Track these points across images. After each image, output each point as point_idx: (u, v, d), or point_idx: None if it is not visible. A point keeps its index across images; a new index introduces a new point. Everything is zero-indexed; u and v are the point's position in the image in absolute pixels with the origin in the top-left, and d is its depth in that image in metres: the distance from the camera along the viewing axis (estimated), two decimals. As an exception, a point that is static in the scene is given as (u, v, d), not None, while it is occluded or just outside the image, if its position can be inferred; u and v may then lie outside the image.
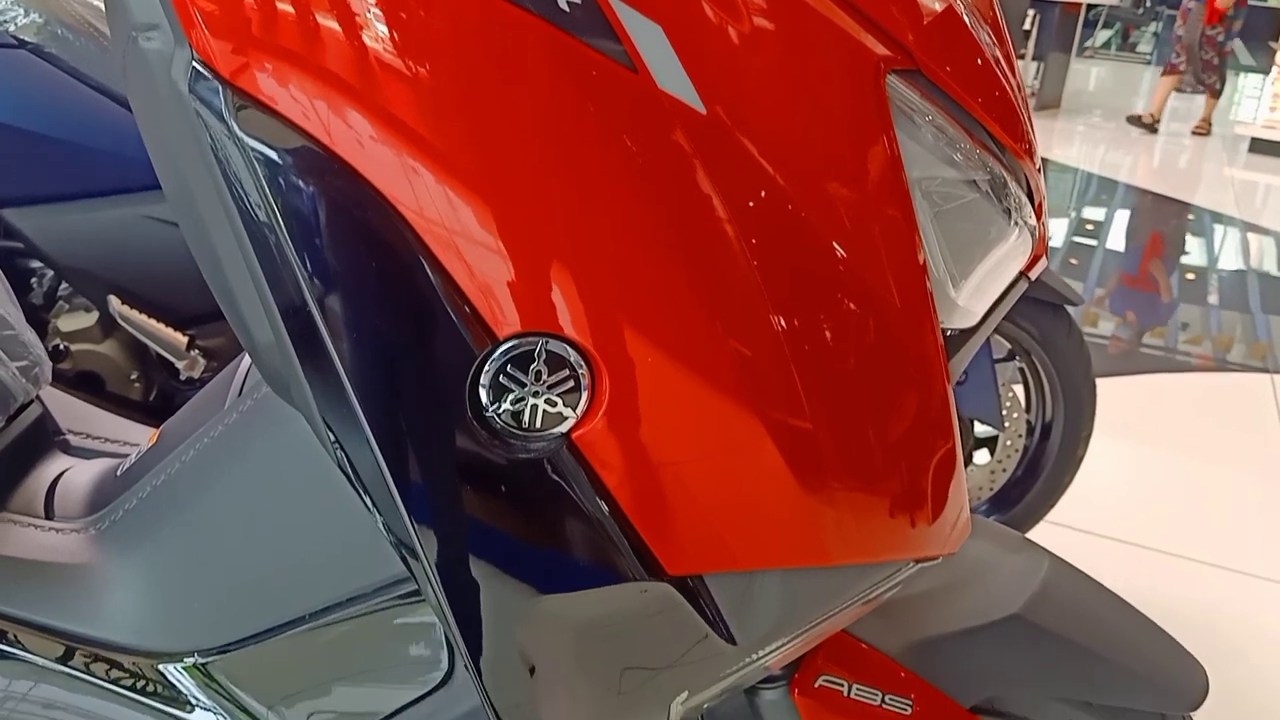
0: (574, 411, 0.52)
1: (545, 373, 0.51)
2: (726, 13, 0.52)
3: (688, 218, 0.52)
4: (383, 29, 0.47)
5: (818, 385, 0.56)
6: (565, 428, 0.52)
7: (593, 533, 0.55)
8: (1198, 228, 5.61)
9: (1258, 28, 11.24)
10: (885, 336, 0.58)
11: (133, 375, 1.65)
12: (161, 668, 0.75)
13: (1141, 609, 0.95)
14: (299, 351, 0.52)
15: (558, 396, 0.51)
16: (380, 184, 0.48)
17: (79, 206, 1.56)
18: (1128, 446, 2.81)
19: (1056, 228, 5.32)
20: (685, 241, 0.52)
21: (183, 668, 0.75)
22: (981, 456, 2.07)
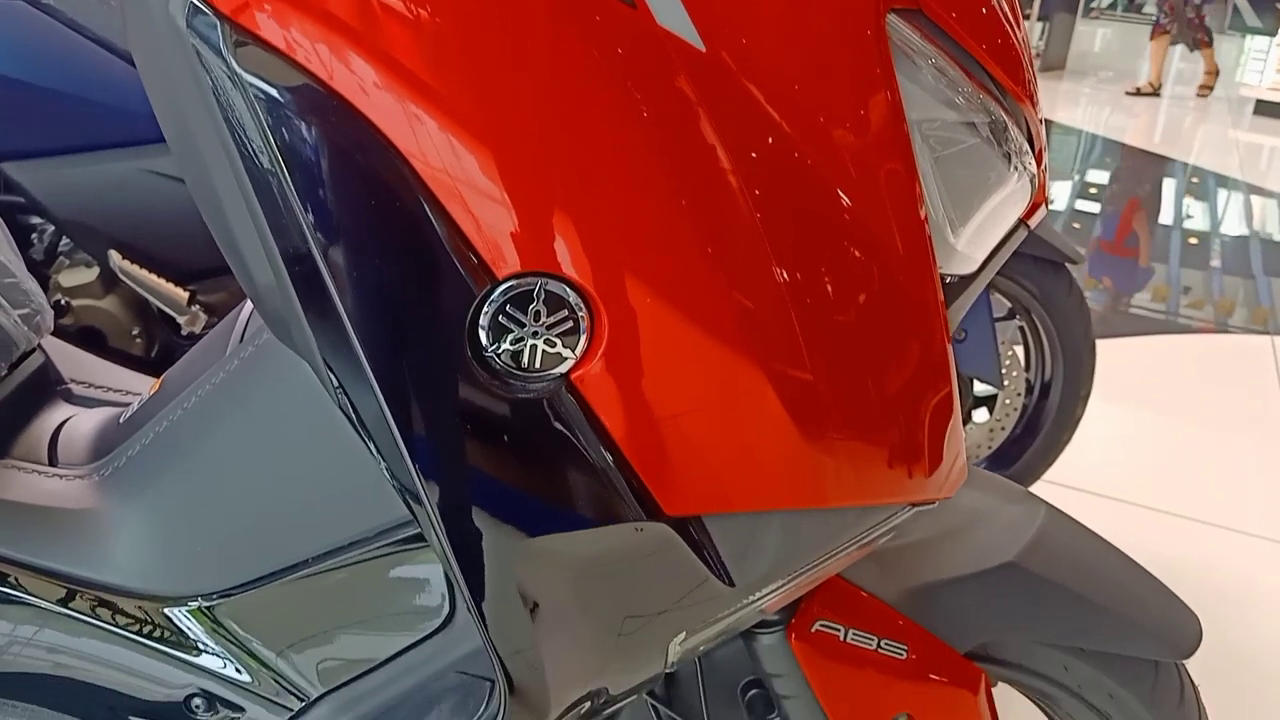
0: (572, 352, 0.52)
1: (544, 313, 0.51)
2: None
3: (689, 159, 0.52)
4: None
5: (818, 328, 0.56)
6: (564, 368, 0.53)
7: (592, 473, 0.55)
8: (1201, 191, 5.59)
9: (1264, -12, 11.13)
10: (887, 284, 0.58)
11: (134, 331, 1.65)
12: (166, 611, 0.76)
13: (1138, 565, 0.96)
14: (299, 292, 0.52)
15: (556, 337, 0.52)
16: (379, 121, 0.48)
17: (79, 160, 1.55)
18: (1127, 407, 2.82)
19: (1059, 191, 5.30)
20: (686, 183, 0.52)
21: (187, 611, 0.76)
22: (980, 415, 2.07)
